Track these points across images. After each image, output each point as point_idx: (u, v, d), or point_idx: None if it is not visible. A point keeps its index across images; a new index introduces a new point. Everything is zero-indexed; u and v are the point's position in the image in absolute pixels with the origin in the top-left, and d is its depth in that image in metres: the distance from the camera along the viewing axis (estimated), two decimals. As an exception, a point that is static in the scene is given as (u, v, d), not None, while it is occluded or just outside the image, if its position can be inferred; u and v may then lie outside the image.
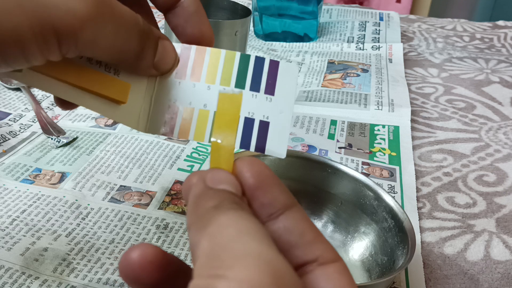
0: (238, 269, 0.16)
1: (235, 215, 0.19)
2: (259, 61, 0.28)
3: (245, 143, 0.27)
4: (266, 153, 0.27)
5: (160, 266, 0.22)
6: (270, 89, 0.28)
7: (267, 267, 0.17)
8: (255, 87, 0.28)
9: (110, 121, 0.60)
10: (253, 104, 0.27)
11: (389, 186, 0.53)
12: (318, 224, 0.45)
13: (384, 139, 0.62)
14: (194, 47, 0.29)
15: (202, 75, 0.28)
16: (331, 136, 0.62)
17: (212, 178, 0.22)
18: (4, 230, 0.42)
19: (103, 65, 0.27)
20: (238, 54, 0.28)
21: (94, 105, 0.27)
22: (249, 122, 0.27)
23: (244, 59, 0.28)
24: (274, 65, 0.28)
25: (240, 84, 0.28)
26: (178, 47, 0.29)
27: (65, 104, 0.30)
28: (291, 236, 0.21)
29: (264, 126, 0.27)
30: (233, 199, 0.21)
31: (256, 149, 0.27)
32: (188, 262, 0.40)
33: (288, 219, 0.22)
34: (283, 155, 0.27)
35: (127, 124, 0.28)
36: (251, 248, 0.17)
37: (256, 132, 0.27)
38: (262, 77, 0.28)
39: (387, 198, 0.42)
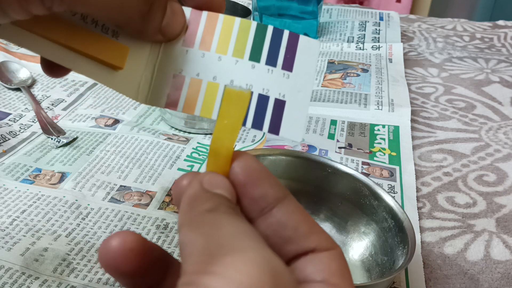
0: (236, 267, 0.16)
1: (231, 218, 0.19)
2: (277, 33, 0.25)
3: (257, 123, 0.24)
4: (280, 135, 0.25)
5: (141, 254, 0.21)
6: (288, 65, 0.25)
7: (265, 265, 0.16)
8: (271, 62, 0.25)
9: (110, 121, 0.60)
10: (268, 80, 0.25)
11: (389, 186, 0.53)
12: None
13: (384, 139, 0.62)
14: (205, 12, 0.26)
15: (212, 44, 0.25)
16: (331, 136, 0.62)
17: (209, 181, 0.21)
18: (4, 230, 0.42)
19: (100, 26, 0.25)
20: (254, 24, 0.25)
21: (86, 69, 0.24)
22: (263, 99, 0.25)
23: (261, 29, 0.25)
24: (294, 38, 0.25)
25: (255, 56, 0.25)
26: (187, 11, 0.26)
27: (53, 70, 0.27)
28: (285, 230, 0.20)
29: (280, 105, 0.25)
30: (229, 204, 0.20)
31: (270, 130, 0.24)
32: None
33: (281, 212, 0.21)
34: (299, 138, 0.25)
35: (125, 93, 0.26)
36: (248, 246, 0.17)
37: (270, 111, 0.24)
38: (280, 51, 0.25)
39: (387, 198, 0.42)
